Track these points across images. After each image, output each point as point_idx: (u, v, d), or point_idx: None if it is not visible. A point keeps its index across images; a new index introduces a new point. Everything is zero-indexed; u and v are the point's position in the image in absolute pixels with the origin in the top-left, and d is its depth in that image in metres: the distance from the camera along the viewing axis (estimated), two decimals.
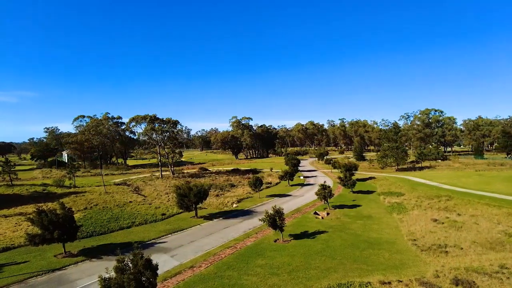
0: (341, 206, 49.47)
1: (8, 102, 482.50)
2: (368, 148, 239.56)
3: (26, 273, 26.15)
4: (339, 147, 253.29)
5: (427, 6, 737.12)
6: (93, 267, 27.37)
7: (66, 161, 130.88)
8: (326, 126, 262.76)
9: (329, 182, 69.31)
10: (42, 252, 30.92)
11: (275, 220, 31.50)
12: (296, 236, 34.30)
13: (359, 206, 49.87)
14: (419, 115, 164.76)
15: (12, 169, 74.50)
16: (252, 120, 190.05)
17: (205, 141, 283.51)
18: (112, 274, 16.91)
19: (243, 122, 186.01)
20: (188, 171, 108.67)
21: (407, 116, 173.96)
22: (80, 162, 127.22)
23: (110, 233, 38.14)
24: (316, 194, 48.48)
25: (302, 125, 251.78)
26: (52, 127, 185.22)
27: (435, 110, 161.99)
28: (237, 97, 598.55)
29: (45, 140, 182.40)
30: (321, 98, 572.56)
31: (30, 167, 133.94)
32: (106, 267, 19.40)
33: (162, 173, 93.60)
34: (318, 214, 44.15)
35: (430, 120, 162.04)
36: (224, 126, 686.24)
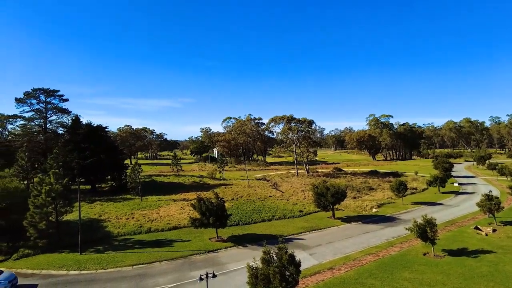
0: None
1: (175, 107, 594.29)
2: None
3: (189, 251, 31.09)
4: (506, 150, 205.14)
5: None
6: (240, 254, 30.18)
7: (216, 156, 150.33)
8: (487, 124, 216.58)
9: (495, 192, 57.14)
10: (200, 234, 36.15)
11: (426, 231, 27.89)
12: (451, 252, 29.59)
13: None
14: None
15: (178, 162, 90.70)
16: (392, 117, 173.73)
17: (339, 141, 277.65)
18: (258, 263, 18.01)
19: (382, 120, 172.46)
20: (322, 170, 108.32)
21: None
22: (227, 158, 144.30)
23: (253, 224, 41.62)
24: (478, 205, 41.26)
25: (455, 122, 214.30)
26: (206, 127, 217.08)
27: None
28: (377, 94, 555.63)
29: (200, 138, 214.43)
30: (481, 91, 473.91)
31: (190, 161, 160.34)
32: (253, 256, 21.00)
33: (298, 171, 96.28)
34: (481, 230, 37.27)
35: None
36: (359, 125, 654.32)
